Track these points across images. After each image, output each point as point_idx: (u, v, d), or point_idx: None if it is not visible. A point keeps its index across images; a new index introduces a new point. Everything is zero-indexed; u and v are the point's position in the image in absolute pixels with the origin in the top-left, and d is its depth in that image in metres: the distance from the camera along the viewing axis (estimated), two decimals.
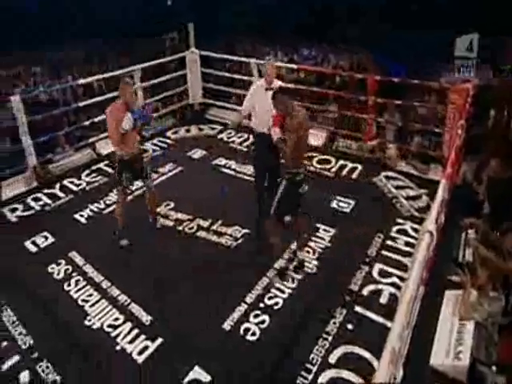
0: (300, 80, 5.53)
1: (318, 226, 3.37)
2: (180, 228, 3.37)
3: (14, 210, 3.73)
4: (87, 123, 4.76)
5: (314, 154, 4.56)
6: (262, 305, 2.66)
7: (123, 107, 2.87)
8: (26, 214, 3.68)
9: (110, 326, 2.54)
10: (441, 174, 3.39)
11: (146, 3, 8.00)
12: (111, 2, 7.94)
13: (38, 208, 3.76)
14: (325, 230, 3.33)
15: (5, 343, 2.44)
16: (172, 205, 3.67)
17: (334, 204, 3.67)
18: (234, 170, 4.29)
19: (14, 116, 4.05)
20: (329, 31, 6.96)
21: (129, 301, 2.70)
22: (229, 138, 5.12)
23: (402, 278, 2.78)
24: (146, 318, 2.58)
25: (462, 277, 2.52)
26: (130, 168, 3.06)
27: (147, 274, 2.90)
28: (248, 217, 3.46)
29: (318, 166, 4.35)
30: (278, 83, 3.15)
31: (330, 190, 3.84)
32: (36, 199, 3.90)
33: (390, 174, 4.14)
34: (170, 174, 4.26)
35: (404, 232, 3.29)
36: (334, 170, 4.28)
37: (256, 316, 2.58)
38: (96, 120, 4.78)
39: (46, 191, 4.01)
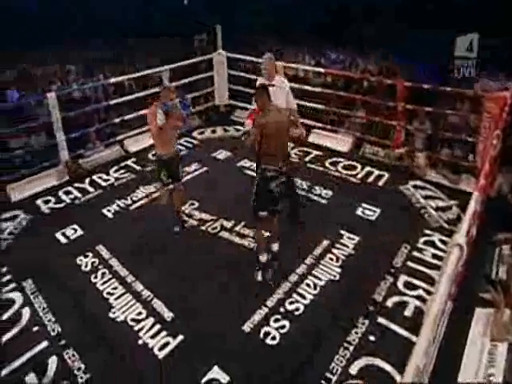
0: (327, 84, 5.52)
1: (342, 232, 3.35)
2: (203, 228, 3.44)
3: (46, 202, 3.94)
4: (117, 121, 4.96)
5: (340, 160, 4.55)
6: (282, 309, 2.68)
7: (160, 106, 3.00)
8: (57, 206, 3.89)
9: (133, 319, 2.63)
10: (473, 185, 3.29)
11: (176, 5, 8.25)
12: (141, 5, 8.28)
13: (68, 201, 3.96)
14: (349, 238, 3.31)
15: (36, 328, 2.59)
16: (196, 204, 3.76)
17: (358, 211, 3.64)
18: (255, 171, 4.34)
19: (49, 112, 4.26)
20: (345, 31, 6.93)
21: (152, 296, 2.80)
22: None
23: (428, 292, 2.72)
24: (167, 315, 2.65)
25: (494, 295, 2.44)
26: (167, 167, 3.18)
27: (170, 272, 2.99)
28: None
29: (344, 172, 4.32)
30: (281, 79, 3.30)
31: (355, 197, 3.81)
32: (67, 192, 4.10)
33: (419, 183, 4.06)
34: (195, 173, 4.37)
35: (432, 244, 3.22)
36: (359, 176, 4.24)
37: (276, 320, 2.60)
38: (125, 118, 4.98)
39: (76, 185, 4.21)
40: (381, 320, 2.58)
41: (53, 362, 2.38)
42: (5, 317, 2.68)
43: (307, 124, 5.04)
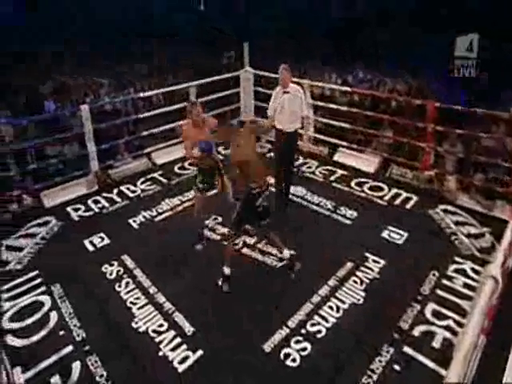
0: (354, 103, 5.60)
1: (367, 255, 3.35)
2: (225, 243, 3.52)
3: (76, 210, 4.17)
4: (145, 134, 5.23)
5: (366, 180, 4.56)
6: (303, 331, 2.69)
7: (194, 126, 3.16)
8: (86, 214, 4.11)
9: (154, 331, 2.72)
10: (509, 213, 3.23)
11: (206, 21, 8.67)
12: (172, 23, 8.80)
13: (96, 210, 4.17)
14: (374, 261, 3.29)
15: (62, 332, 2.73)
16: (220, 219, 3.87)
17: (384, 234, 3.62)
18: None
19: (82, 123, 4.56)
20: (359, 35, 7.00)
21: (173, 309, 2.88)
22: None
23: (459, 323, 2.66)
24: (188, 329, 2.72)
25: None
26: (204, 174, 3.34)
27: (192, 285, 3.09)
28: (295, 238, 3.54)
29: (369, 193, 4.33)
30: (296, 87, 3.69)
31: (381, 219, 3.81)
32: (96, 201, 4.33)
33: (449, 207, 4.00)
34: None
35: (463, 272, 3.15)
36: (386, 198, 4.23)
37: (297, 342, 2.61)
38: (153, 131, 5.23)
39: (104, 195, 4.43)
40: (406, 349, 2.54)
41: (76, 366, 2.49)
42: (35, 318, 2.84)
43: (332, 142, 5.15)
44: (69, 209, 4.18)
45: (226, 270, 3.04)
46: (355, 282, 3.08)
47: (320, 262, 3.27)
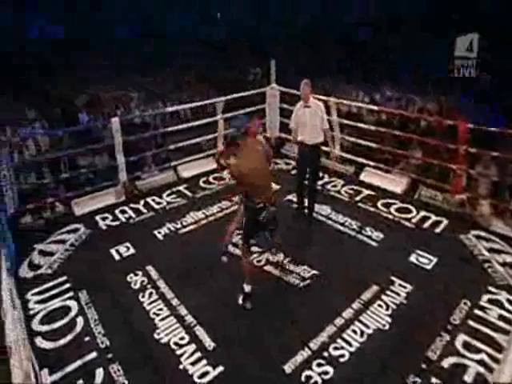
0: (382, 122, 5.64)
1: (393, 279, 3.32)
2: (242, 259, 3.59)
3: (104, 219, 4.40)
4: (172, 147, 5.47)
5: (393, 201, 4.55)
6: (326, 354, 2.69)
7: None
8: (113, 223, 4.32)
9: (175, 343, 2.80)
10: None
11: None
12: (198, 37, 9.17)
13: (123, 220, 4.38)
14: (400, 285, 3.26)
15: (87, 338, 2.87)
16: None
17: (412, 258, 3.59)
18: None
19: (112, 135, 4.83)
20: (369, 41, 7.02)
21: (195, 322, 2.96)
22: None
23: (493, 358, 2.57)
24: (209, 344, 2.79)
25: None
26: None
27: (214, 298, 3.17)
28: (318, 258, 3.57)
29: (397, 215, 4.31)
30: (316, 102, 3.93)
31: (408, 242, 3.77)
32: (123, 211, 4.54)
33: (482, 233, 3.91)
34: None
35: (498, 303, 3.06)
36: (414, 220, 4.20)
37: (319, 365, 2.61)
38: (180, 145, 5.47)
39: (131, 205, 4.65)
40: (435, 381, 2.48)
41: (99, 373, 2.60)
42: (62, 322, 3.00)
43: (359, 162, 5.19)
44: (97, 217, 4.41)
45: (247, 288, 3.09)
46: (380, 306, 3.05)
47: (344, 283, 3.27)
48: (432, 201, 4.50)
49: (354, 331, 2.85)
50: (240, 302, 3.10)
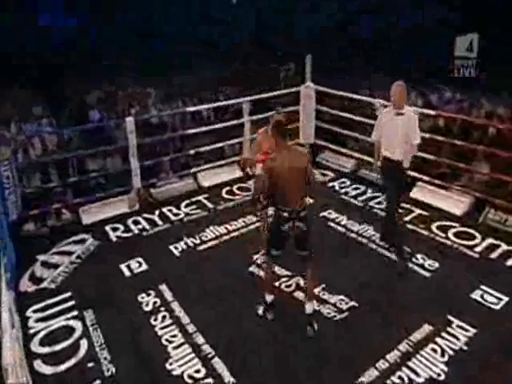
0: (439, 128, 5.59)
1: (451, 318, 3.24)
2: (276, 283, 3.63)
3: (115, 230, 4.58)
4: (192, 152, 5.65)
5: (451, 224, 4.47)
6: None
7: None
8: (125, 235, 4.49)
9: (190, 376, 2.85)
10: None
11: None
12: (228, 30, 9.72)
13: (136, 231, 4.55)
14: (460, 327, 3.17)
15: (91, 364, 2.97)
16: None
17: (475, 294, 3.49)
18: (344, 226, 4.49)
19: (126, 136, 5.02)
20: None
21: (213, 353, 3.01)
22: (342, 187, 5.42)
23: None
24: (228, 379, 2.82)
25: None
26: None
27: (236, 328, 3.21)
28: (357, 286, 3.55)
29: (456, 240, 4.22)
30: (410, 110, 3.70)
31: (471, 275, 3.69)
32: (136, 222, 4.72)
33: None
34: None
35: None
36: (478, 249, 4.10)
37: None
38: (201, 150, 5.65)
39: (145, 215, 4.83)
40: None
41: None
42: (64, 344, 3.13)
43: (410, 176, 5.13)
44: (107, 228, 4.59)
45: (268, 298, 3.28)
46: (434, 350, 2.98)
47: (389, 320, 3.23)
48: (502, 226, 4.38)
49: (401, 378, 2.79)
50: (260, 312, 3.28)
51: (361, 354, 2.96)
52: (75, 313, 3.40)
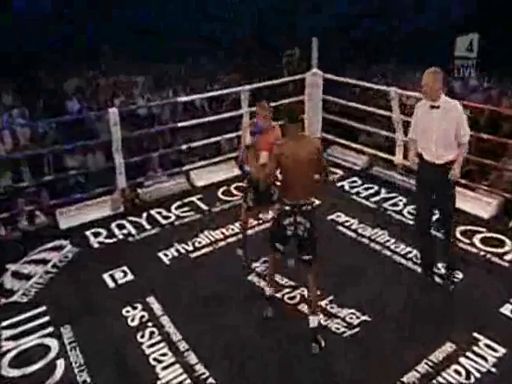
0: None
1: (477, 336, 3.22)
2: (278, 295, 3.63)
3: (97, 235, 4.57)
4: (184, 147, 5.65)
5: (477, 229, 4.47)
6: None
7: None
8: (108, 241, 4.48)
9: None
10: None
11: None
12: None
13: (121, 237, 4.54)
14: (488, 346, 3.15)
15: None
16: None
17: (506, 309, 3.47)
18: (355, 231, 4.49)
19: (109, 129, 4.98)
20: None
21: (207, 374, 2.99)
22: (352, 187, 5.41)
23: None
24: None
25: None
26: (256, 189, 3.70)
27: (233, 344, 3.19)
28: (370, 298, 3.55)
29: (482, 248, 4.22)
30: (449, 100, 3.45)
31: (500, 287, 3.68)
32: (120, 226, 4.71)
33: None
34: (269, 224, 4.65)
35: None
36: (508, 257, 4.09)
37: None
38: (195, 145, 5.65)
39: (131, 219, 4.82)
40: None
41: None
42: (38, 366, 3.09)
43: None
44: (88, 233, 4.58)
45: (268, 290, 3.45)
46: (458, 372, 2.96)
47: (406, 337, 3.21)
48: None
49: None
50: (269, 313, 3.42)
51: (373, 375, 2.94)
52: (51, 329, 3.37)
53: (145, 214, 4.89)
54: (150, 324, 3.40)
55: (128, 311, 3.52)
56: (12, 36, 8.43)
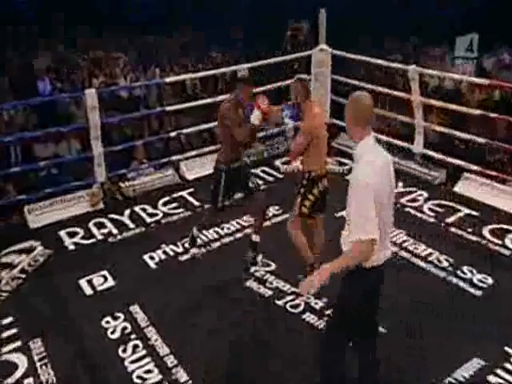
0: (493, 104, 5.58)
1: (509, 351, 3.22)
2: (280, 302, 3.63)
3: (72, 235, 4.57)
4: (173, 134, 5.64)
5: (509, 228, 4.48)
6: None
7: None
8: (85, 242, 4.49)
9: None
10: None
11: None
12: None
13: (100, 237, 4.54)
14: None
15: None
16: (273, 266, 4.01)
17: None
18: None
19: (86, 114, 4.97)
20: None
21: None
22: None
23: None
24: None
25: None
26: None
27: (226, 358, 3.19)
28: (386, 308, 3.47)
29: None
30: None
31: None
32: (99, 225, 4.71)
33: None
34: (273, 221, 4.67)
35: None
36: None
37: None
38: (185, 132, 5.63)
39: (112, 216, 4.82)
40: None
41: None
42: None
43: (455, 164, 5.14)
44: (61, 233, 4.58)
45: (255, 237, 3.95)
46: None
47: (426, 352, 3.20)
48: None
49: None
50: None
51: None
52: (18, 344, 3.37)
53: (128, 211, 4.89)
54: (133, 336, 3.40)
55: (108, 322, 3.52)
56: None
